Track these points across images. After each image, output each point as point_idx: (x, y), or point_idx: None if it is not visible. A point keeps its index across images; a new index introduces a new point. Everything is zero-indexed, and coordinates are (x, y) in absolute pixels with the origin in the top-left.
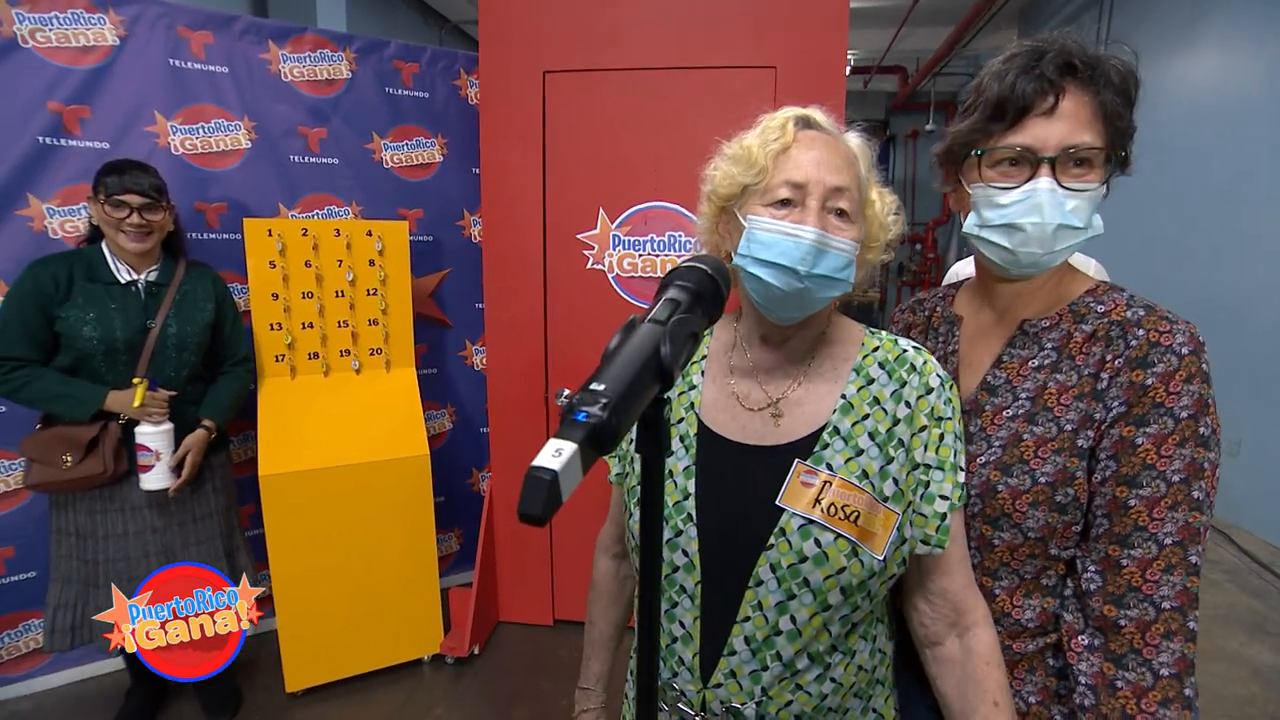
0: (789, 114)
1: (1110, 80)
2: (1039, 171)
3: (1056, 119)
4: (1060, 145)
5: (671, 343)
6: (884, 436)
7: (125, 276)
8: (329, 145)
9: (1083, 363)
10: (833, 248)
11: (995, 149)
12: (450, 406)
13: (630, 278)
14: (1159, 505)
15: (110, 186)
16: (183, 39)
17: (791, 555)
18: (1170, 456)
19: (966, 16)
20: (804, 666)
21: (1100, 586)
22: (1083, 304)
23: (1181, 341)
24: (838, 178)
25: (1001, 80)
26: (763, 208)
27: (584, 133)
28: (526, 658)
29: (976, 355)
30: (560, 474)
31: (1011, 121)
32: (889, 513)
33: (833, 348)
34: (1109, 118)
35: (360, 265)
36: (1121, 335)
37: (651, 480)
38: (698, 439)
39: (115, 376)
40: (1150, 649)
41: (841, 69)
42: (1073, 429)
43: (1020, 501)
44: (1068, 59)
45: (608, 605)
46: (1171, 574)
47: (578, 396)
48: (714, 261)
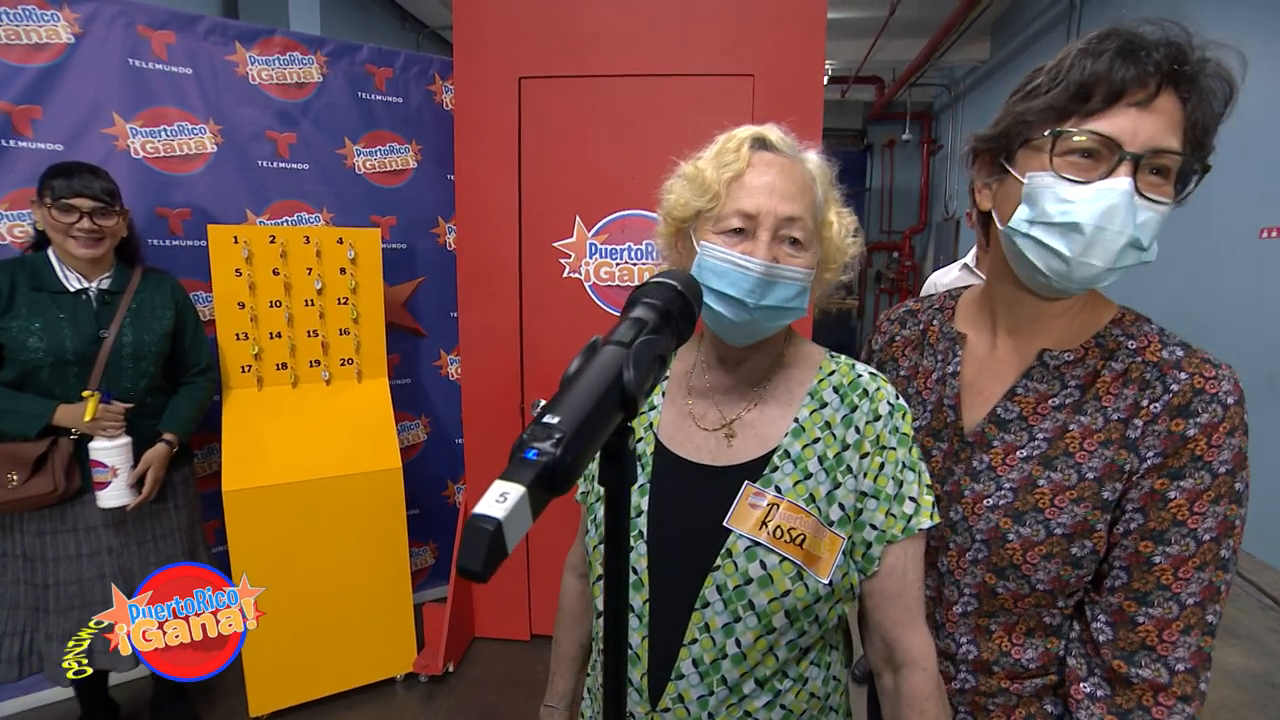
0: (746, 134)
1: (1211, 87)
2: (1119, 170)
3: (1150, 113)
4: (1147, 144)
5: (635, 367)
6: (832, 461)
7: (75, 285)
8: (299, 150)
9: (1110, 405)
10: (782, 278)
11: (1074, 132)
12: (425, 417)
13: (607, 286)
14: (1186, 565)
15: (57, 190)
16: (143, 38)
17: (737, 577)
18: (1204, 514)
19: (941, 29)
20: (750, 691)
21: (1111, 640)
22: (1111, 337)
23: (1227, 390)
24: (790, 206)
25: (1097, 59)
26: (715, 235)
27: (560, 139)
28: (502, 674)
29: (985, 382)
30: (504, 523)
31: (1099, 106)
32: (834, 537)
33: (789, 371)
34: (1199, 128)
35: (331, 273)
36: (1159, 378)
37: (617, 514)
38: (654, 458)
39: (65, 390)
40: (1161, 709)
41: (819, 78)
42: (1095, 478)
43: (1032, 554)
44: (1179, 50)
45: (572, 625)
46: (1189, 635)
47: (528, 431)
48: (685, 277)
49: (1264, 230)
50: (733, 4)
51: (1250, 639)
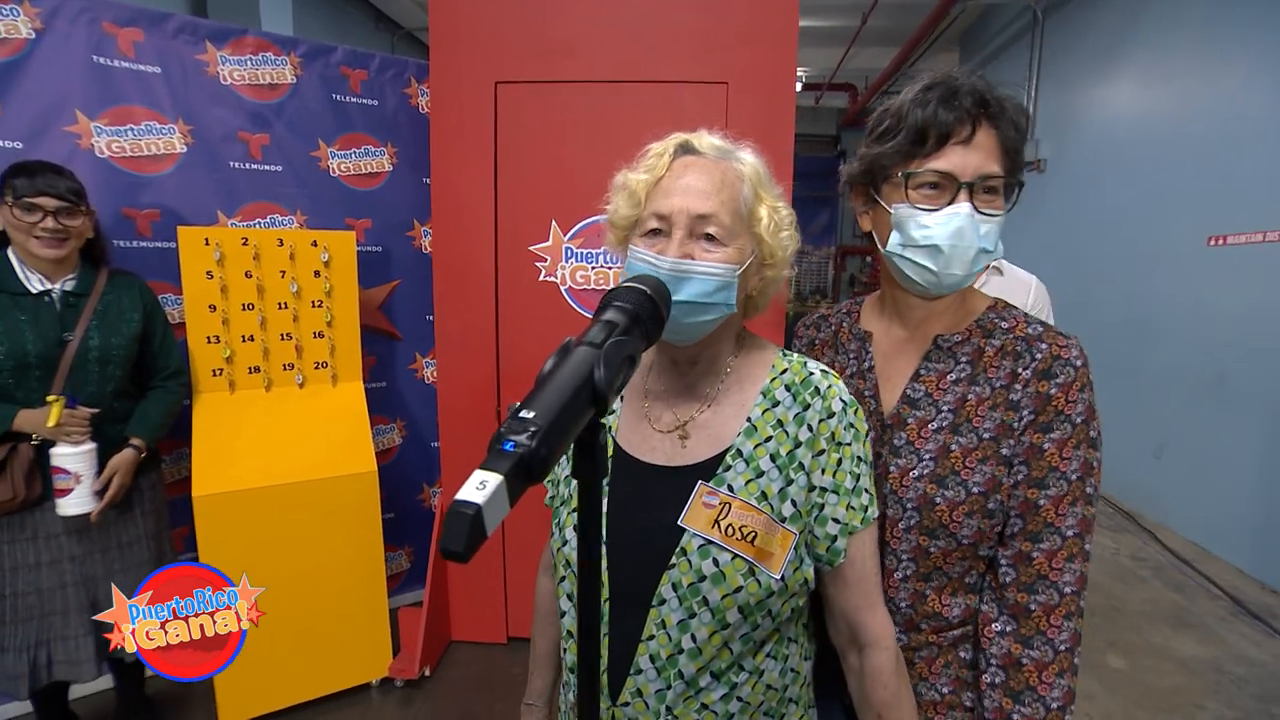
0: (672, 142)
1: (1012, 118)
2: (958, 196)
3: (972, 148)
4: (976, 173)
5: (606, 366)
6: (784, 459)
7: (37, 286)
8: (271, 152)
9: (994, 375)
10: (695, 273)
11: (918, 172)
12: (400, 421)
13: (583, 290)
14: (1062, 503)
15: (20, 189)
16: (109, 35)
17: (691, 574)
18: (1069, 458)
19: (911, 38)
20: (706, 684)
21: (1015, 579)
22: (988, 320)
23: (1076, 355)
24: (705, 204)
25: (924, 108)
26: (639, 238)
27: (536, 144)
28: (479, 678)
29: (893, 369)
30: (484, 508)
31: (933, 148)
32: (786, 533)
33: (742, 370)
34: (1010, 151)
35: (305, 276)
36: (1028, 349)
37: (589, 505)
38: (612, 460)
39: (26, 394)
40: (1053, 629)
41: (791, 85)
42: (992, 437)
43: (957, 512)
44: (981, 96)
45: (547, 624)
46: (1073, 562)
47: (505, 425)
48: (655, 282)
49: (1211, 238)
50: (707, 13)
51: (1201, 627)
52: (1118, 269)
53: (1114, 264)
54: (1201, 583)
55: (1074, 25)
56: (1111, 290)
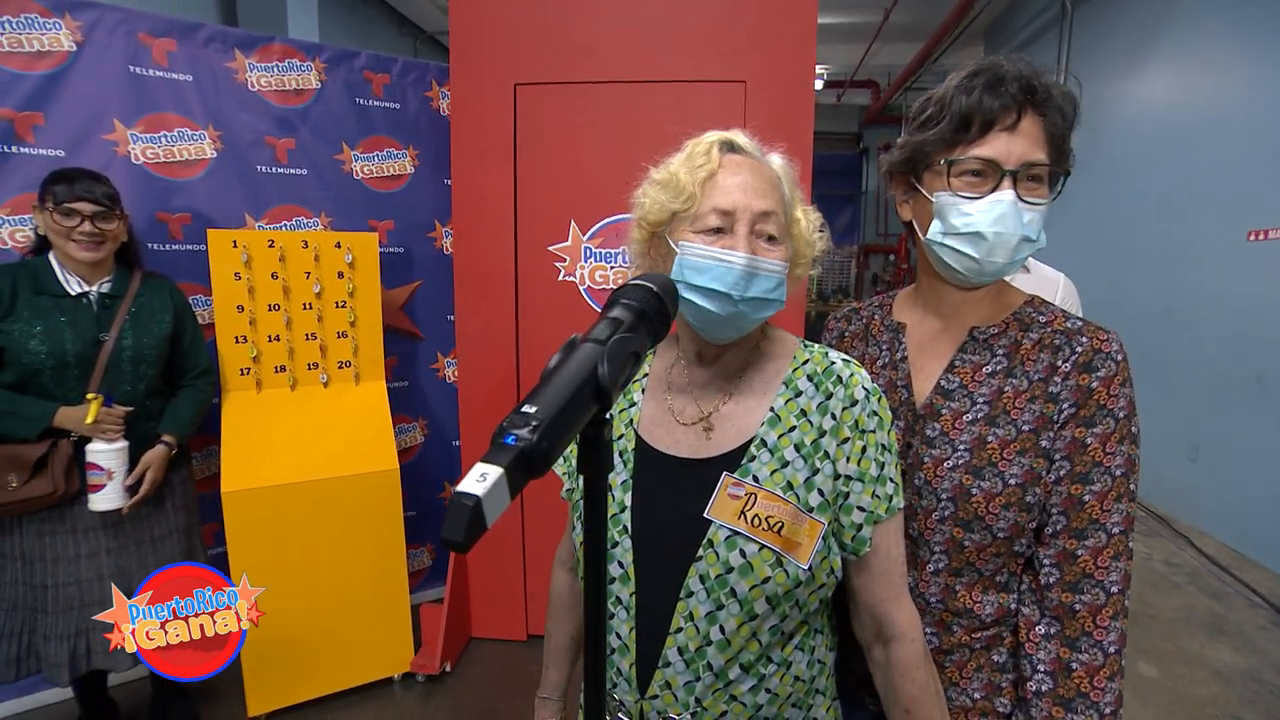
0: (713, 138)
1: (1059, 106)
2: (1002, 184)
3: (1018, 135)
4: (1020, 160)
5: (610, 363)
6: (809, 448)
7: (76, 288)
8: (297, 156)
9: (1032, 368)
10: (763, 270)
11: (962, 159)
12: (422, 419)
13: (602, 289)
14: (1107, 499)
15: (59, 195)
16: (144, 46)
17: (719, 566)
18: (1113, 453)
19: (935, 34)
20: (735, 676)
21: (1058, 579)
22: (1025, 314)
23: (1116, 349)
24: (764, 202)
25: (969, 95)
26: (693, 234)
27: (555, 145)
28: (499, 674)
29: (926, 360)
30: (484, 499)
31: (977, 135)
32: (814, 523)
33: (765, 362)
34: (1056, 139)
35: (329, 277)
36: (1067, 343)
37: (594, 499)
38: (635, 454)
39: (65, 392)
40: (1100, 630)
41: (810, 84)
42: (1032, 429)
43: (994, 504)
44: (1028, 82)
45: (563, 618)
46: (1118, 560)
47: (508, 419)
48: (662, 280)
49: (1252, 233)
50: (725, 12)
51: (1239, 636)
52: (1150, 263)
53: (1146, 258)
54: (1241, 590)
55: (1106, 16)
56: (1144, 285)
